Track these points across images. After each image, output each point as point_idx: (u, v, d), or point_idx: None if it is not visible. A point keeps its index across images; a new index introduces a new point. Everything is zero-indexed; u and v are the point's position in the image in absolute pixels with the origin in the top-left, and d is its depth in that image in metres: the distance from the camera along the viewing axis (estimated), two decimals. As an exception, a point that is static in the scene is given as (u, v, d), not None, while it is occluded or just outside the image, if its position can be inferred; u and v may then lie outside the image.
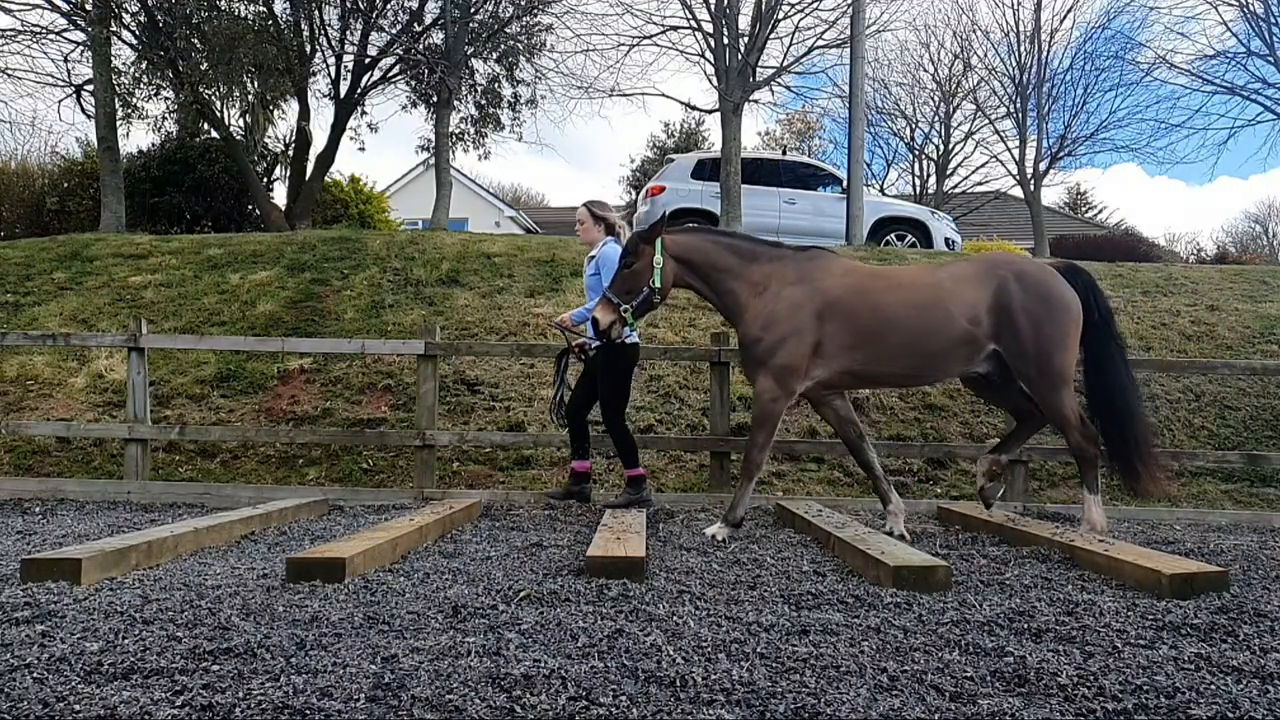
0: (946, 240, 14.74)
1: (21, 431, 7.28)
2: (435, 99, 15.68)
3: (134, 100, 15.81)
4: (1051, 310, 4.83)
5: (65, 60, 14.82)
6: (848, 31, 15.21)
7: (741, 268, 5.05)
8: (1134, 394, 5.09)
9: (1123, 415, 4.93)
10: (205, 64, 14.52)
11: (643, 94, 25.52)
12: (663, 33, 16.24)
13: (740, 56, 14.87)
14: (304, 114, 15.93)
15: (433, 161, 16.71)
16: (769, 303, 4.93)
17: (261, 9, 14.86)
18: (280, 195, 17.64)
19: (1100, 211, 37.15)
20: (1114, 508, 6.70)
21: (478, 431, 7.45)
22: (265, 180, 17.50)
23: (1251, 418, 8.43)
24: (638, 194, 19.97)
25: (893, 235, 14.74)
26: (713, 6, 15.16)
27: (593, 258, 5.82)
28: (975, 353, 4.92)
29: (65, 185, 16.35)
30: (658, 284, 5.01)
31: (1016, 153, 22.05)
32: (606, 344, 5.47)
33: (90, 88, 14.52)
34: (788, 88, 18.29)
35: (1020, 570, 4.07)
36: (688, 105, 21.99)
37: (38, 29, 14.25)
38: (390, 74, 16.09)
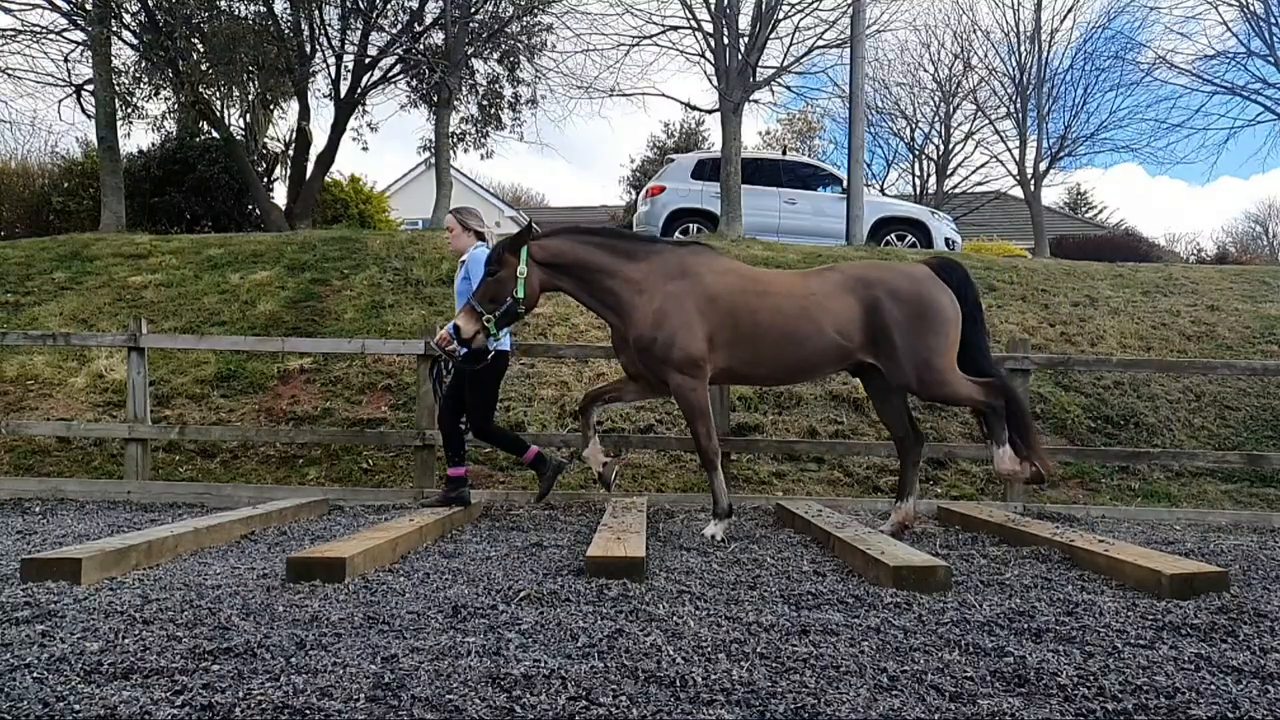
0: (946, 240, 14.74)
1: (21, 431, 7.28)
2: (435, 99, 15.67)
3: (134, 100, 15.80)
4: (928, 321, 4.92)
5: (65, 60, 14.81)
6: (848, 32, 15.21)
7: (618, 265, 5.07)
8: (1005, 378, 5.18)
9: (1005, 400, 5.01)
10: (205, 64, 14.51)
11: (643, 94, 25.42)
12: (663, 33, 16.22)
13: (740, 56, 14.86)
14: (304, 114, 15.93)
15: (433, 161, 16.71)
16: (654, 300, 4.96)
17: (261, 9, 14.85)
18: (280, 195, 17.65)
19: (1100, 211, 37.14)
20: (1114, 507, 6.71)
21: (478, 431, 7.44)
22: (265, 180, 17.49)
23: (1251, 418, 8.44)
24: (638, 194, 19.96)
25: (893, 235, 14.75)
26: (713, 6, 15.15)
27: (463, 263, 5.77)
28: (844, 360, 5.05)
29: (65, 185, 16.34)
30: (521, 294, 5.01)
31: (1016, 153, 22.05)
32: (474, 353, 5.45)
33: (90, 88, 14.51)
34: (788, 88, 18.24)
35: (1020, 570, 4.07)
36: (688, 105, 21.96)
37: (38, 29, 14.24)
38: (390, 74, 16.10)
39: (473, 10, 15.71)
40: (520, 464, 7.47)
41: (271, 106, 17.55)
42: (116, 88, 14.52)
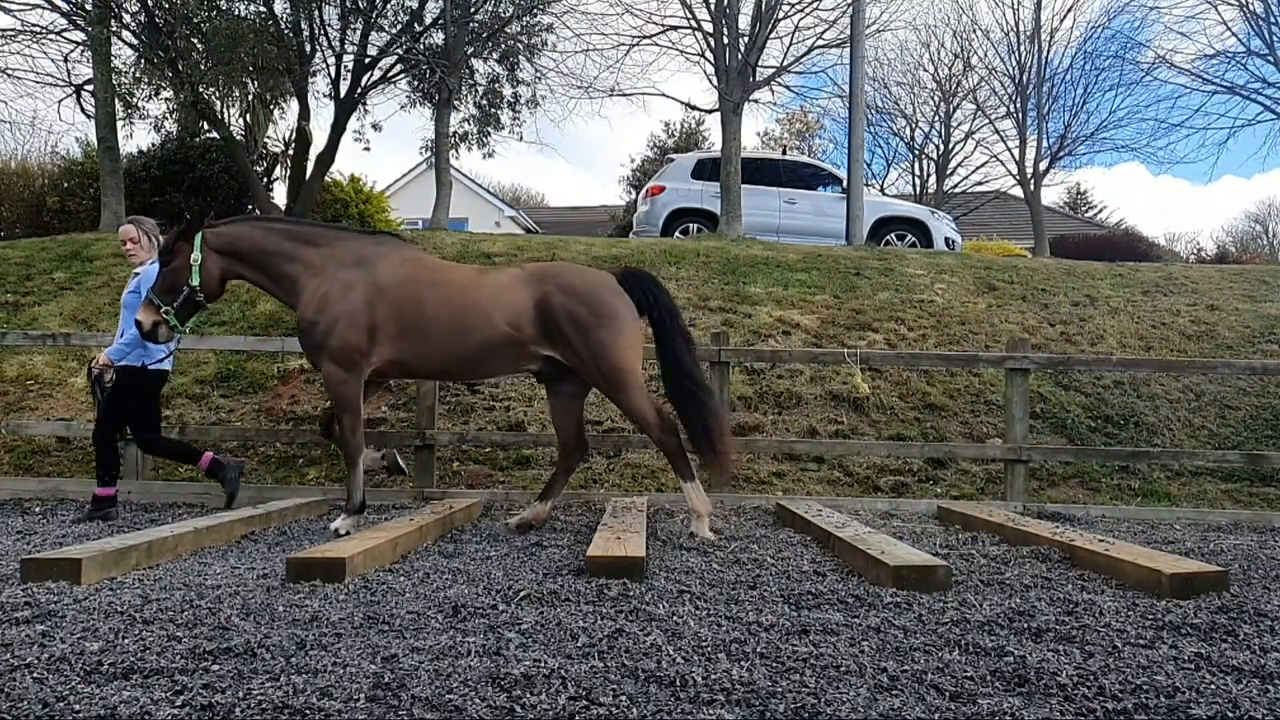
0: (946, 240, 14.75)
1: (21, 431, 7.28)
2: (435, 99, 15.67)
3: (134, 100, 15.78)
4: (599, 317, 4.91)
5: (65, 60, 14.77)
6: (848, 31, 15.22)
7: (298, 251, 5.06)
8: (701, 381, 5.16)
9: (693, 404, 5.01)
10: (205, 64, 14.49)
11: (643, 94, 25.63)
12: (663, 32, 16.26)
13: (740, 56, 14.87)
14: (304, 114, 15.91)
15: (433, 161, 16.71)
16: (323, 284, 4.95)
17: (261, 9, 14.83)
18: (280, 195, 17.64)
19: (1100, 211, 37.16)
20: (1114, 507, 6.71)
21: (478, 431, 7.45)
22: (265, 180, 17.47)
23: (1251, 418, 8.43)
24: (638, 194, 19.96)
25: (893, 235, 14.76)
26: (713, 6, 15.15)
27: (136, 274, 5.67)
28: (522, 355, 5.03)
29: (65, 185, 16.33)
30: (196, 281, 4.98)
31: (1016, 152, 22.07)
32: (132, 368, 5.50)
33: (90, 88, 14.50)
34: (788, 88, 18.33)
35: (1020, 570, 4.07)
36: (688, 105, 21.99)
37: (38, 29, 14.21)
38: (390, 74, 16.08)
39: (473, 10, 15.70)
40: (519, 464, 7.48)
41: (271, 106, 17.53)
42: (116, 88, 14.49)
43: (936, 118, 25.89)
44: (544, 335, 4.96)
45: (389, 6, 15.63)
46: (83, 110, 15.17)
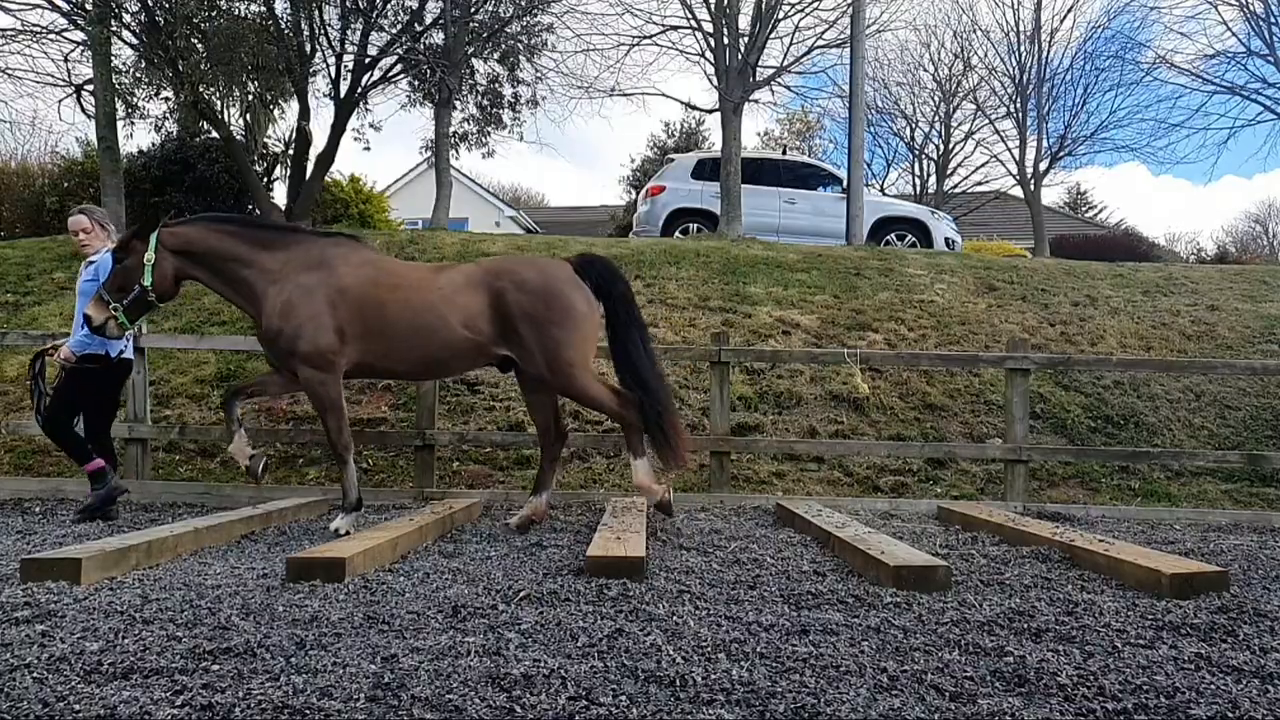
0: (946, 240, 14.75)
1: (21, 431, 7.27)
2: (436, 99, 15.67)
3: (134, 100, 15.78)
4: (553, 312, 4.91)
5: (65, 60, 14.77)
6: (848, 31, 15.22)
7: (253, 255, 5.02)
8: (653, 371, 5.13)
9: (645, 393, 5.01)
10: (205, 64, 14.49)
11: (643, 94, 25.65)
12: (663, 32, 16.27)
13: (740, 56, 14.88)
14: (304, 114, 15.91)
15: (433, 161, 16.71)
16: (284, 290, 4.92)
17: (261, 9, 14.83)
18: (280, 195, 17.62)
19: (1100, 211, 37.19)
20: (1114, 507, 6.71)
21: (478, 431, 7.45)
22: (265, 180, 17.47)
23: (1251, 418, 8.43)
24: (638, 194, 19.97)
25: (893, 235, 14.77)
26: (713, 6, 15.16)
27: (92, 263, 5.60)
28: (481, 355, 5.05)
29: (65, 185, 16.34)
30: (148, 281, 4.94)
31: (1016, 153, 22.09)
32: (96, 360, 5.46)
33: (90, 88, 14.50)
34: (788, 88, 18.29)
35: (1020, 570, 4.07)
36: (688, 105, 22.01)
37: (38, 29, 14.21)
38: (391, 74, 16.09)
39: (473, 10, 15.70)
40: (519, 464, 7.49)
41: (271, 106, 17.52)
42: (116, 88, 14.49)
43: (936, 118, 25.93)
44: (500, 334, 4.97)
45: (389, 6, 15.64)
46: (83, 110, 15.17)
